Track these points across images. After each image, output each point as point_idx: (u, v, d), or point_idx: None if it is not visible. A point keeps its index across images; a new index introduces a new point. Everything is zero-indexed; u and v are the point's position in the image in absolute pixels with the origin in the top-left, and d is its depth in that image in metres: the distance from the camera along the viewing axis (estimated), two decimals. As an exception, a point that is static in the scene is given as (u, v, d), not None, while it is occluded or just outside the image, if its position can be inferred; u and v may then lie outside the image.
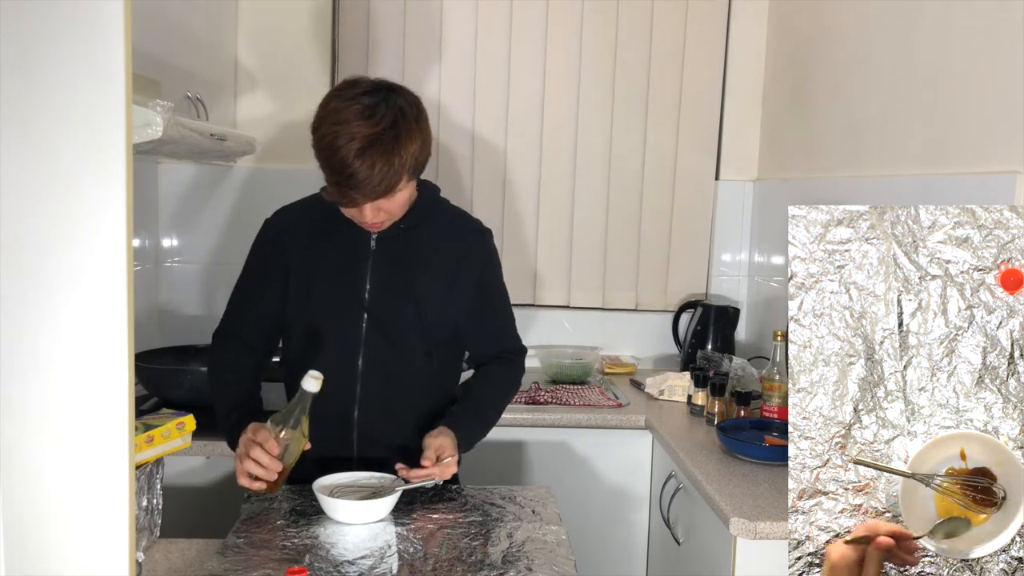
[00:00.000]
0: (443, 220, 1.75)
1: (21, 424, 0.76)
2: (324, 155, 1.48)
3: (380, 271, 1.67)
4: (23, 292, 0.75)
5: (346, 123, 1.45)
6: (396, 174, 1.48)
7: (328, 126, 1.47)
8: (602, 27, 2.76)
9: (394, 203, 1.56)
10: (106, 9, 0.72)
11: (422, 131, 1.54)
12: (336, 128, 1.45)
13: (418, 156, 1.53)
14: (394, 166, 1.47)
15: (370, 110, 1.46)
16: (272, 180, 2.77)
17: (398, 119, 1.48)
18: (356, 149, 1.44)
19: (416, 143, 1.51)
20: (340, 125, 1.45)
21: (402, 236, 1.67)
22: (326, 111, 1.50)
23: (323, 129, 1.48)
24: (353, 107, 1.47)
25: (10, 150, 0.73)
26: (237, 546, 1.39)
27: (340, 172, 1.46)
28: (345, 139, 1.44)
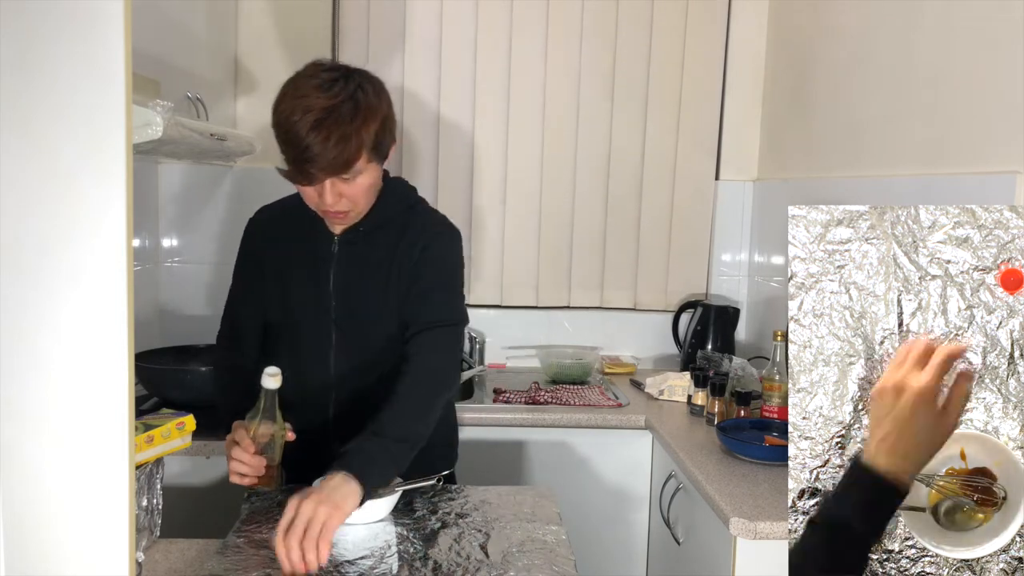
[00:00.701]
0: (403, 222, 1.68)
1: (21, 424, 0.76)
2: (282, 129, 1.47)
3: (343, 274, 1.65)
4: (23, 292, 0.75)
5: (303, 97, 1.45)
6: (354, 148, 1.46)
7: (287, 100, 1.47)
8: (602, 27, 2.76)
9: (355, 188, 1.52)
10: (106, 9, 0.72)
11: (383, 110, 1.51)
12: (294, 102, 1.45)
13: (379, 135, 1.50)
14: (350, 141, 1.45)
15: (328, 84, 1.46)
16: (272, 180, 2.73)
17: (357, 94, 1.47)
18: (312, 120, 1.43)
19: (376, 121, 1.49)
20: (298, 99, 1.45)
21: (361, 239, 1.65)
22: (286, 88, 1.50)
23: (282, 105, 1.48)
24: (312, 82, 1.47)
25: (10, 150, 0.73)
26: (237, 546, 1.39)
27: (297, 144, 1.44)
28: (301, 111, 1.44)
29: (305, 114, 1.44)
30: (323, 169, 1.46)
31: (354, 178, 1.51)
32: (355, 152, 1.47)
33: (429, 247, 1.66)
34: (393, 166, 2.77)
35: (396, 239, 1.66)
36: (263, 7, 2.72)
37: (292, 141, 1.45)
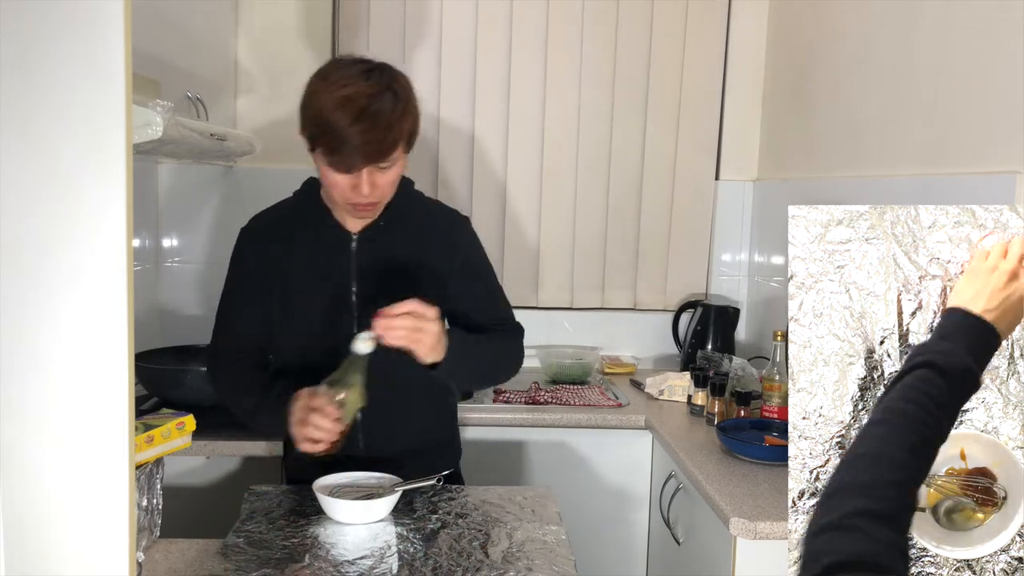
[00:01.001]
0: (420, 213, 1.71)
1: (21, 424, 0.76)
2: (322, 119, 1.45)
3: (365, 272, 1.64)
4: (23, 292, 0.75)
5: (344, 86, 1.45)
6: (394, 138, 1.47)
7: (325, 92, 1.46)
8: (602, 27, 2.76)
9: (387, 178, 1.53)
10: (106, 9, 0.72)
11: (415, 106, 1.54)
12: (334, 92, 1.44)
13: (411, 130, 1.53)
14: (392, 129, 1.46)
15: (366, 74, 1.47)
16: (272, 180, 2.75)
17: (394, 85, 1.49)
18: (357, 108, 1.43)
19: (411, 115, 1.52)
20: (338, 89, 1.45)
21: (382, 235, 1.65)
22: (318, 83, 1.49)
23: (320, 96, 1.46)
24: (349, 71, 1.48)
25: (10, 150, 0.73)
26: (237, 546, 1.39)
27: (340, 133, 1.44)
28: (343, 100, 1.43)
29: (348, 103, 1.43)
30: (365, 157, 1.46)
31: (389, 168, 1.52)
32: (395, 141, 1.48)
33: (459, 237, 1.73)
34: (393, 166, 2.78)
35: (418, 231, 1.68)
36: (263, 7, 2.72)
37: (335, 130, 1.44)
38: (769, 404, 2.11)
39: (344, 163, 1.48)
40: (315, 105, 1.47)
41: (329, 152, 1.48)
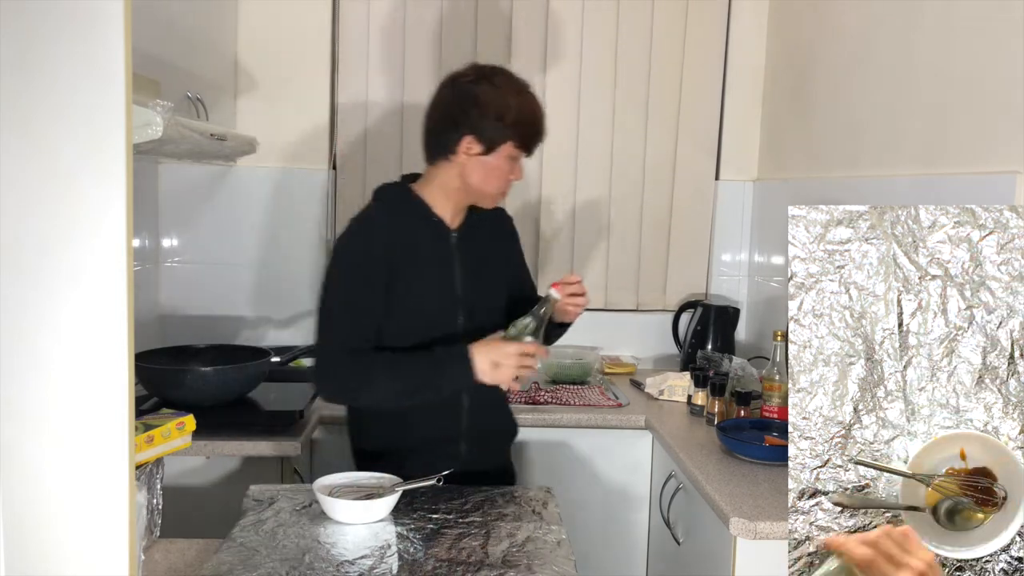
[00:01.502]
0: (485, 212, 1.87)
1: (21, 424, 0.76)
2: (535, 115, 1.72)
3: (465, 266, 1.80)
4: (23, 292, 0.75)
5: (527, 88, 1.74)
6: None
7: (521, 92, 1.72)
8: (602, 27, 2.76)
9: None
10: (106, 9, 0.72)
11: None
12: (527, 93, 1.73)
13: None
14: None
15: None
16: (272, 180, 2.78)
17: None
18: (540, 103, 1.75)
19: None
20: (528, 91, 1.73)
21: (473, 232, 1.82)
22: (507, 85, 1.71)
23: (523, 96, 1.71)
24: (513, 78, 1.74)
25: (10, 150, 0.73)
26: (237, 546, 1.39)
27: (539, 126, 1.73)
28: (535, 100, 1.74)
29: (532, 97, 1.73)
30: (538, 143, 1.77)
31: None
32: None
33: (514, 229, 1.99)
34: (393, 165, 2.78)
35: (491, 226, 1.89)
36: (263, 7, 2.72)
37: (539, 123, 1.73)
38: (769, 404, 2.11)
39: (532, 148, 1.75)
40: (522, 106, 1.70)
41: (527, 143, 1.72)
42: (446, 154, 1.72)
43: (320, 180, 2.79)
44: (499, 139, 1.68)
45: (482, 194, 1.76)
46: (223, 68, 2.63)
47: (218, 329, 2.75)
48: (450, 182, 1.74)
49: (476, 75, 1.71)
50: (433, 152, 1.76)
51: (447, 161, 1.73)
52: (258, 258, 2.79)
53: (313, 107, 2.78)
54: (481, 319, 1.77)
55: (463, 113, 1.68)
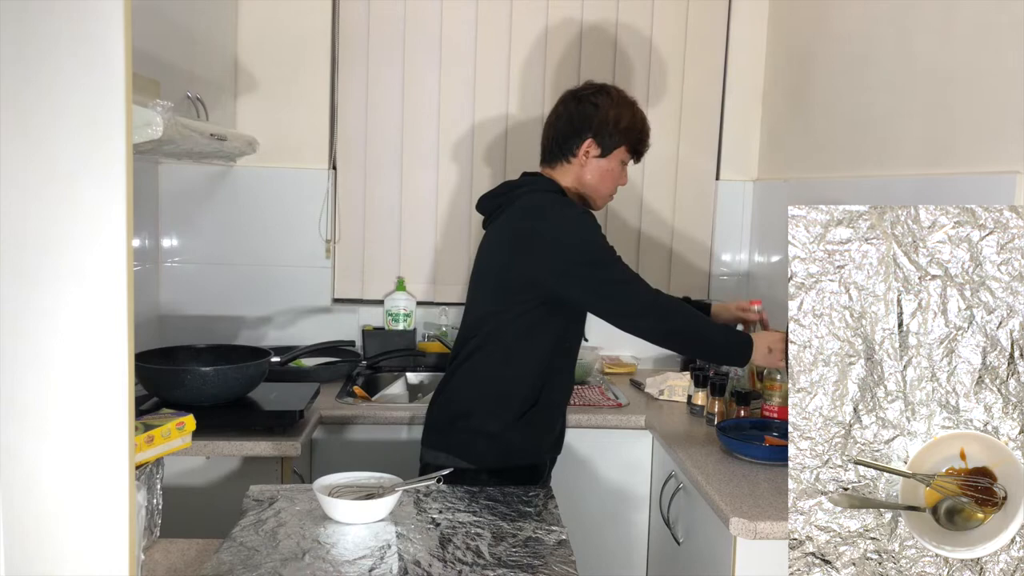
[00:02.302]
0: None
1: (21, 424, 0.76)
2: (638, 127, 1.94)
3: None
4: (23, 292, 0.75)
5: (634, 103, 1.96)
6: None
7: (632, 108, 1.94)
8: (602, 27, 2.76)
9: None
10: (106, 9, 0.72)
11: None
12: (638, 107, 1.96)
13: None
14: None
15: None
16: (272, 180, 2.78)
17: None
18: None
19: None
20: (635, 106, 1.95)
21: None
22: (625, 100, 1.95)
23: (635, 109, 1.95)
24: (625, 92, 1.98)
25: (10, 150, 0.73)
26: (237, 546, 1.39)
27: (647, 133, 1.97)
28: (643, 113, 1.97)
29: (643, 114, 1.96)
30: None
31: None
32: None
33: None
34: (393, 165, 2.78)
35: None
36: (263, 7, 2.72)
37: (645, 133, 1.96)
38: (769, 404, 2.11)
39: (639, 157, 1.99)
40: (627, 118, 1.92)
41: (637, 149, 1.96)
42: (568, 157, 1.94)
43: (320, 180, 2.79)
44: (614, 143, 1.91)
45: (597, 194, 1.97)
46: (223, 68, 2.63)
47: (218, 329, 2.75)
48: (568, 183, 1.95)
49: (595, 89, 1.95)
50: (555, 156, 1.96)
51: (567, 164, 1.95)
52: (258, 258, 2.79)
53: (313, 107, 2.78)
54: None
55: (586, 119, 1.91)
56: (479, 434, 1.89)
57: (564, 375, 1.98)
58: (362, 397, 2.44)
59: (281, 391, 2.24)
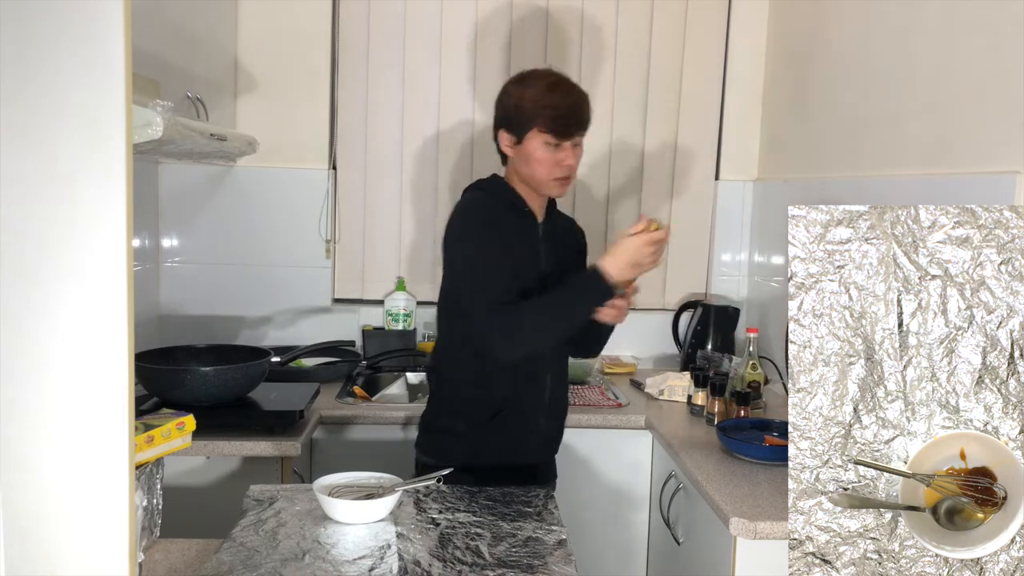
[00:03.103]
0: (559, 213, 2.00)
1: (21, 424, 0.76)
2: (547, 97, 1.77)
3: (548, 256, 1.90)
4: (23, 292, 0.75)
5: (547, 74, 1.82)
6: (588, 113, 1.81)
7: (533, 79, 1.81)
8: (602, 27, 2.76)
9: (578, 155, 1.83)
10: (106, 9, 0.72)
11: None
12: (542, 77, 1.81)
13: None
14: (587, 103, 1.81)
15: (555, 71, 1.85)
16: (272, 180, 2.78)
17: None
18: (569, 86, 1.81)
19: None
20: (544, 76, 1.81)
21: (553, 226, 1.93)
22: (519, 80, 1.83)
23: (531, 83, 1.80)
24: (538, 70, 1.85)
25: (10, 150, 0.73)
26: (237, 546, 1.39)
27: (564, 103, 1.77)
28: (555, 82, 1.80)
29: (559, 84, 1.80)
30: (580, 123, 1.79)
31: (580, 145, 1.82)
32: (589, 116, 1.81)
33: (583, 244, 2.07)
34: (393, 165, 2.78)
35: (564, 222, 2.01)
36: (263, 7, 2.72)
37: (559, 104, 1.77)
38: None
39: (564, 131, 1.77)
40: (529, 96, 1.78)
41: (550, 127, 1.77)
42: (502, 155, 1.89)
43: (320, 180, 2.79)
44: (525, 126, 1.78)
45: (535, 182, 1.85)
46: (223, 68, 2.63)
47: (218, 329, 2.75)
48: (513, 178, 1.89)
49: (514, 79, 1.86)
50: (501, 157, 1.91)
51: (507, 161, 1.90)
52: (258, 258, 2.79)
53: (313, 107, 2.78)
54: None
55: (496, 113, 1.86)
56: (447, 434, 1.90)
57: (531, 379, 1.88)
58: (362, 397, 2.44)
59: (281, 391, 2.24)
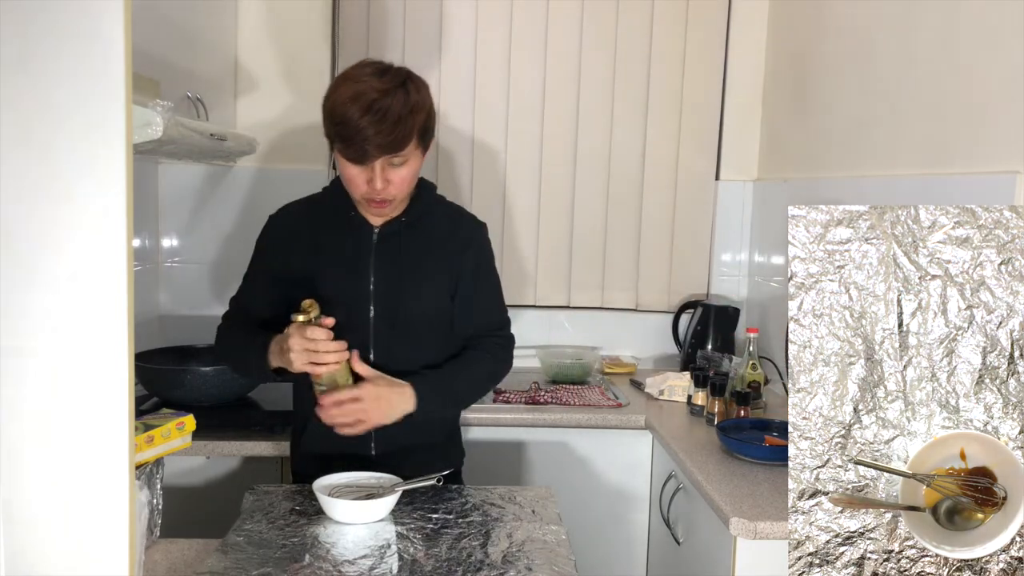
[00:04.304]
0: (440, 214, 1.80)
1: (21, 424, 0.76)
2: (338, 112, 1.54)
3: (384, 264, 1.71)
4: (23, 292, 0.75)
5: (357, 82, 1.55)
6: (406, 130, 1.55)
7: (341, 88, 1.56)
8: (602, 27, 2.76)
9: (401, 175, 1.60)
10: (106, 9, 0.72)
11: (428, 105, 1.62)
12: (349, 86, 1.55)
13: (425, 125, 1.61)
14: (404, 123, 1.54)
15: (381, 72, 1.58)
16: (272, 180, 2.77)
17: (407, 82, 1.59)
18: (369, 101, 1.52)
19: (424, 110, 1.60)
20: (355, 83, 1.55)
21: (403, 231, 1.72)
22: (338, 81, 1.60)
23: (336, 93, 1.56)
24: (364, 71, 1.58)
25: (10, 150, 0.73)
26: (237, 545, 1.39)
27: (355, 126, 1.52)
28: (356, 95, 1.53)
29: (360, 96, 1.53)
30: (379, 147, 1.54)
31: (402, 164, 1.59)
32: (407, 133, 1.55)
33: (474, 241, 1.80)
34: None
35: (436, 232, 1.76)
36: (263, 7, 2.72)
37: (350, 122, 1.52)
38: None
39: (357, 154, 1.55)
40: (331, 100, 1.57)
41: (344, 144, 1.56)
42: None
43: (320, 180, 2.79)
44: (328, 136, 1.62)
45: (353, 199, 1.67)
46: (223, 68, 2.63)
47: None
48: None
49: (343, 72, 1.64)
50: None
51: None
52: (258, 258, 2.79)
53: (313, 107, 2.76)
54: (396, 324, 1.71)
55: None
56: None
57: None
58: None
59: (281, 391, 2.24)
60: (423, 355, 1.73)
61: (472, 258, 1.79)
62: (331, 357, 1.55)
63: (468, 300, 1.79)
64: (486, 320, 1.84)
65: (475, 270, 1.79)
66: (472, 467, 1.95)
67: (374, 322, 1.70)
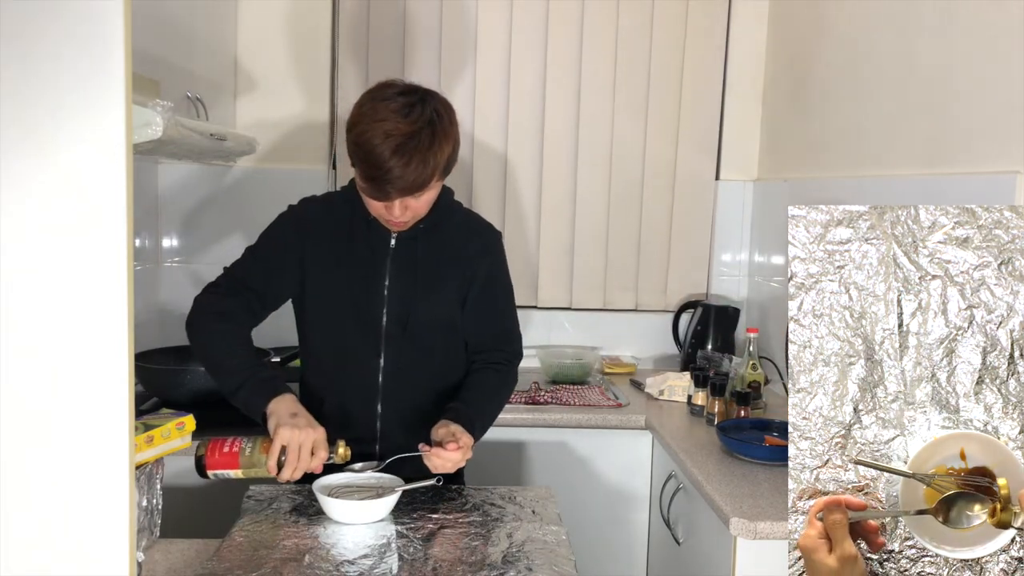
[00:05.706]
0: (457, 221, 1.80)
1: (21, 424, 0.76)
2: (363, 151, 1.52)
3: (399, 268, 1.71)
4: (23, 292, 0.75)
5: (384, 120, 1.50)
6: (429, 172, 1.53)
7: (367, 123, 1.51)
8: (602, 27, 2.76)
9: (421, 202, 1.60)
10: (106, 9, 0.72)
11: (454, 135, 1.60)
12: (375, 125, 1.50)
13: (449, 157, 1.59)
14: (428, 164, 1.52)
15: (407, 108, 1.52)
16: (272, 180, 2.77)
17: (434, 120, 1.54)
18: (394, 145, 1.49)
19: (449, 145, 1.58)
20: (379, 122, 1.50)
21: (421, 236, 1.72)
22: (363, 110, 1.55)
23: (361, 126, 1.52)
24: (391, 105, 1.52)
25: (10, 150, 0.73)
26: (237, 546, 1.39)
27: (378, 167, 1.50)
28: (383, 136, 1.49)
29: (387, 139, 1.49)
30: (400, 190, 1.53)
31: (423, 195, 1.59)
32: (431, 175, 1.54)
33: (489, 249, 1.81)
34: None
35: (452, 239, 1.75)
36: (263, 7, 2.72)
37: (373, 163, 1.51)
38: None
39: (380, 193, 1.55)
40: (357, 131, 1.53)
41: (365, 179, 1.55)
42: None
43: (320, 180, 2.79)
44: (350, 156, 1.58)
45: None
46: (223, 68, 2.63)
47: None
48: None
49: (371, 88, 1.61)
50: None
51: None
52: (258, 258, 2.79)
53: (313, 107, 2.78)
54: (408, 327, 1.71)
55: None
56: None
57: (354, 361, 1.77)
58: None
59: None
60: (432, 360, 1.75)
61: (486, 266, 1.80)
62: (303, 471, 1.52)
63: (478, 307, 1.78)
64: (495, 330, 1.83)
65: (487, 278, 1.80)
66: (472, 467, 1.95)
67: (386, 325, 1.71)
